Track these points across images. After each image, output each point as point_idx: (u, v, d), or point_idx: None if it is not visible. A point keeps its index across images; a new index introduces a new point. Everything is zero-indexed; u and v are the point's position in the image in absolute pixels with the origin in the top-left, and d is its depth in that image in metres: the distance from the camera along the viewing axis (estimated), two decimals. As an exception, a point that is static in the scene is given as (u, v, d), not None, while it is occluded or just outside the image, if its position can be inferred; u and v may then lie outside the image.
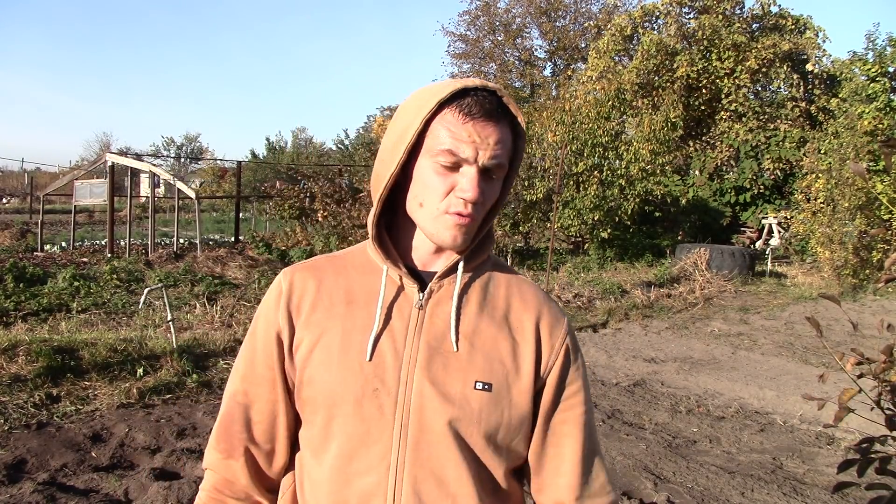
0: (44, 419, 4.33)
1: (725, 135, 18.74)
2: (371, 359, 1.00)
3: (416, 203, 1.00)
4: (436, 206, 0.98)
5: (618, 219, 13.68)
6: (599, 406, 5.23)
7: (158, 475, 3.56)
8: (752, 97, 19.57)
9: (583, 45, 31.75)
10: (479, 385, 1.00)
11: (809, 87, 19.33)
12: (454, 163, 0.96)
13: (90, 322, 7.08)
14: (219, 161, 41.42)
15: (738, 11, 20.41)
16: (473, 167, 0.96)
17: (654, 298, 9.96)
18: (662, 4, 20.36)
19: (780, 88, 19.83)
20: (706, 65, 18.87)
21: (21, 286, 8.50)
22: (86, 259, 12.40)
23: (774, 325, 8.68)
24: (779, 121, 18.42)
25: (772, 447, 4.51)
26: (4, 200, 34.97)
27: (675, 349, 7.27)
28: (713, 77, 18.83)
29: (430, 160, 0.97)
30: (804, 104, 18.73)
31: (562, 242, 15.64)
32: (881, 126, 12.44)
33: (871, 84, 13.46)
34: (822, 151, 13.21)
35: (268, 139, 53.07)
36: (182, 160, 48.49)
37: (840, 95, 14.57)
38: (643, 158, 13.62)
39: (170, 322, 5.82)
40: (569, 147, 12.66)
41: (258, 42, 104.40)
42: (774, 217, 17.03)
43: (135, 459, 3.88)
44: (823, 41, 19.39)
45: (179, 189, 14.41)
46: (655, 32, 20.35)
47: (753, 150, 18.07)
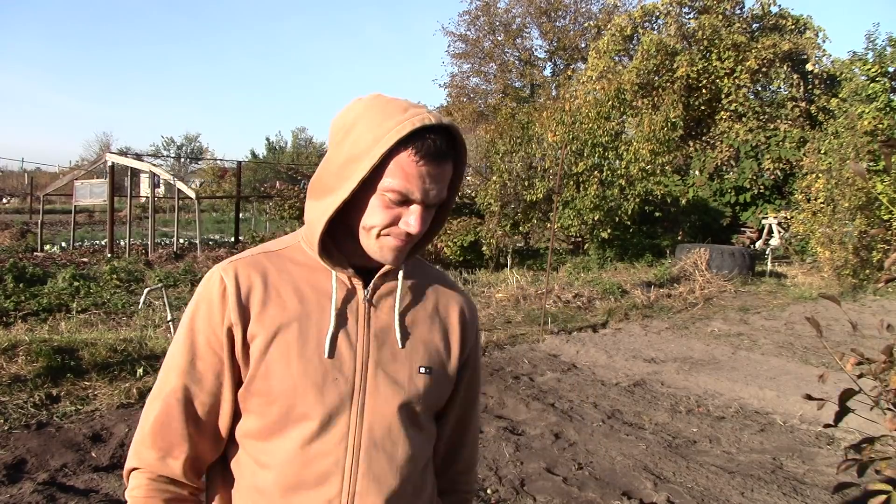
0: (44, 419, 4.33)
1: (725, 135, 18.74)
2: (329, 355, 1.08)
3: (362, 225, 1.08)
4: (379, 232, 1.07)
5: (618, 219, 13.68)
6: (599, 406, 5.23)
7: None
8: (752, 97, 19.57)
9: (583, 45, 31.76)
10: (423, 370, 1.14)
11: (809, 87, 19.33)
12: (402, 201, 1.04)
13: (90, 322, 7.08)
14: (219, 161, 41.47)
15: (738, 11, 20.41)
16: (420, 206, 1.04)
17: (654, 298, 9.95)
18: (662, 4, 20.36)
19: (780, 88, 19.83)
20: (706, 65, 18.87)
21: (21, 286, 8.50)
22: (86, 259, 12.40)
23: (774, 325, 8.68)
24: (779, 121, 18.42)
25: (772, 447, 4.51)
26: (4, 200, 34.97)
27: (675, 349, 7.27)
28: (713, 77, 18.83)
29: (381, 193, 1.04)
30: (804, 104, 18.74)
31: (562, 242, 15.64)
32: (881, 126, 12.44)
33: (871, 84, 13.45)
34: (822, 151, 13.20)
35: (268, 139, 53.12)
36: (182, 160, 48.49)
37: (840, 95, 14.56)
38: (643, 158, 13.61)
39: (170, 322, 5.82)
40: (569, 147, 12.66)
41: (258, 42, 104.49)
42: (774, 217, 17.03)
43: (135, 459, 3.87)
44: (823, 41, 19.42)
45: (179, 189, 14.41)
46: (655, 32, 20.35)
47: (753, 150, 18.07)
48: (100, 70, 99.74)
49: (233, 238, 16.34)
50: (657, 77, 18.99)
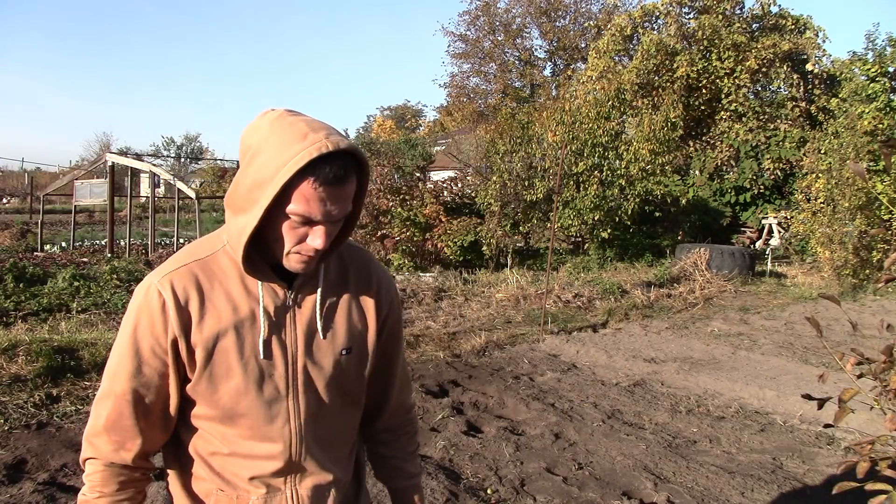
0: (44, 419, 4.33)
1: (725, 135, 18.73)
2: (265, 356, 1.21)
3: (273, 239, 1.17)
4: (288, 248, 1.16)
5: (618, 219, 13.67)
6: (599, 406, 5.23)
7: (158, 475, 3.54)
8: (752, 97, 19.56)
9: (583, 45, 31.75)
10: (344, 351, 1.29)
11: (809, 87, 19.32)
12: (306, 222, 1.14)
13: (90, 322, 7.08)
14: (219, 161, 41.41)
15: (738, 11, 20.40)
16: (322, 225, 1.14)
17: (654, 298, 9.95)
18: (662, 4, 20.35)
19: (780, 88, 19.82)
20: (706, 65, 18.86)
21: (21, 286, 8.50)
22: (86, 259, 12.40)
23: (774, 325, 8.68)
24: (779, 121, 18.41)
25: (772, 447, 4.51)
26: (4, 200, 34.95)
27: (675, 349, 7.27)
28: (713, 77, 18.82)
29: (286, 215, 1.13)
30: (804, 104, 18.72)
31: (562, 242, 15.63)
32: (881, 126, 12.43)
33: (871, 84, 13.44)
34: (822, 151, 13.20)
35: (268, 139, 52.92)
36: (182, 160, 48.46)
37: (840, 95, 14.55)
38: (643, 158, 13.60)
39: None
40: (569, 147, 12.65)
41: (258, 42, 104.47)
42: (774, 217, 17.02)
43: (135, 459, 3.87)
44: (823, 41, 19.38)
45: (179, 189, 14.40)
46: (655, 32, 20.34)
47: (753, 150, 18.07)
48: (100, 70, 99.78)
49: (233, 238, 16.30)
50: (657, 77, 18.98)
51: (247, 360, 1.20)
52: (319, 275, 1.28)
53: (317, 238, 1.14)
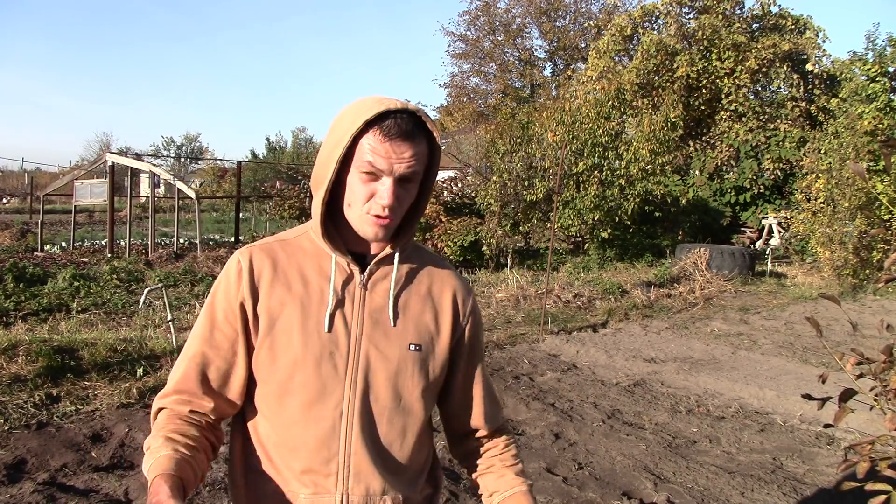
0: (44, 419, 4.33)
1: (725, 135, 18.73)
2: (328, 330, 1.23)
3: (347, 204, 1.23)
4: (360, 208, 1.21)
5: (618, 219, 13.67)
6: (599, 406, 5.23)
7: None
8: (752, 97, 19.56)
9: (583, 45, 31.76)
10: (412, 347, 1.27)
11: (809, 87, 19.32)
12: (374, 174, 1.18)
13: (90, 322, 7.08)
14: (219, 161, 41.45)
15: (738, 11, 20.40)
16: (389, 178, 1.18)
17: (654, 298, 9.95)
18: (662, 4, 20.35)
19: (780, 88, 19.82)
20: (706, 65, 18.86)
21: (21, 286, 8.50)
22: (86, 259, 12.40)
23: (774, 325, 8.67)
24: (779, 121, 18.41)
25: (772, 447, 4.51)
26: (4, 200, 34.96)
27: (675, 349, 7.27)
28: (713, 77, 18.83)
29: (356, 171, 1.19)
30: (804, 104, 18.73)
31: (562, 242, 15.63)
32: (881, 126, 12.43)
33: (871, 84, 13.44)
34: (822, 151, 13.20)
35: (268, 139, 53.15)
36: (182, 160, 48.44)
37: (840, 95, 14.55)
38: (643, 158, 13.61)
39: (170, 322, 5.82)
40: (569, 147, 12.66)
41: (258, 42, 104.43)
42: (774, 217, 17.02)
43: (135, 459, 3.87)
44: (823, 41, 19.40)
45: (179, 189, 14.40)
46: (655, 32, 20.34)
47: (753, 150, 18.07)
48: (100, 70, 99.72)
49: (233, 238, 16.33)
50: (657, 77, 18.98)
51: (309, 333, 1.22)
52: (394, 263, 1.29)
53: (385, 193, 1.18)
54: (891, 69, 14.14)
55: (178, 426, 1.21)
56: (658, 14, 20.84)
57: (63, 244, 15.08)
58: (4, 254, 12.73)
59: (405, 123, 1.16)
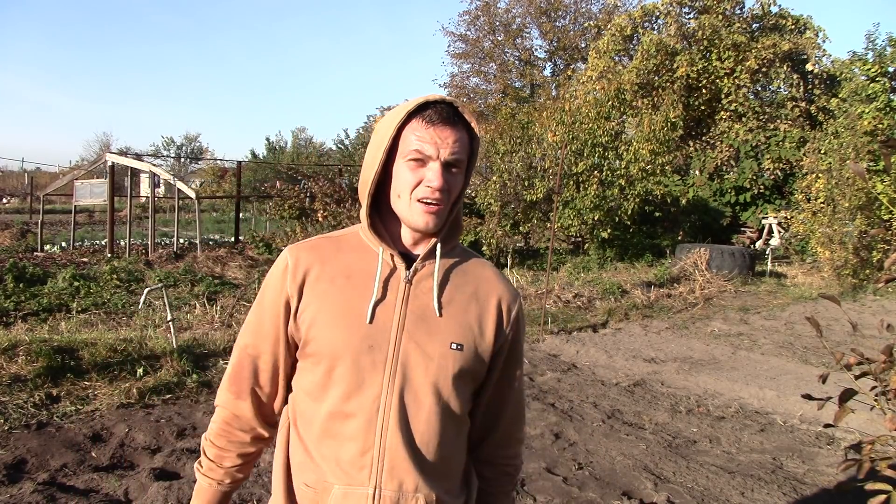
0: (44, 419, 4.33)
1: (725, 135, 18.73)
2: (371, 321, 1.24)
3: (396, 195, 1.26)
4: (409, 196, 1.24)
5: (618, 219, 13.67)
6: (599, 406, 5.23)
7: (158, 475, 3.56)
8: (752, 97, 19.56)
9: (583, 45, 31.75)
10: (454, 346, 1.27)
11: (809, 87, 19.32)
12: (421, 160, 1.22)
13: (90, 322, 7.07)
14: (219, 161, 41.40)
15: (738, 11, 20.40)
16: (437, 162, 1.22)
17: (654, 298, 9.95)
18: (662, 4, 20.35)
19: (780, 88, 19.82)
20: (706, 65, 18.86)
21: (21, 286, 8.50)
22: (86, 259, 12.40)
23: (774, 325, 8.67)
24: (779, 121, 18.41)
25: (772, 447, 4.51)
26: (4, 200, 34.95)
27: (675, 349, 7.27)
28: (713, 77, 18.82)
29: (403, 161, 1.24)
30: (804, 104, 18.72)
31: (562, 242, 15.63)
32: (881, 126, 12.43)
33: (871, 84, 13.44)
34: (822, 151, 13.20)
35: (268, 139, 53.03)
36: (182, 160, 48.44)
37: (840, 95, 14.55)
38: (643, 158, 13.60)
39: (170, 322, 5.82)
40: (569, 147, 12.66)
41: (258, 42, 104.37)
42: (774, 217, 17.02)
43: (135, 459, 3.88)
44: (823, 41, 19.39)
45: (179, 189, 14.41)
46: (655, 32, 20.34)
47: (753, 150, 18.06)
48: (100, 70, 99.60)
49: (233, 238, 16.32)
50: (657, 77, 18.98)
51: (350, 326, 1.24)
52: (437, 260, 1.31)
53: (433, 176, 1.21)
54: (891, 69, 14.14)
55: (222, 452, 1.36)
56: (658, 14, 20.83)
57: (63, 244, 15.07)
58: (4, 254, 12.73)
59: (445, 111, 1.23)
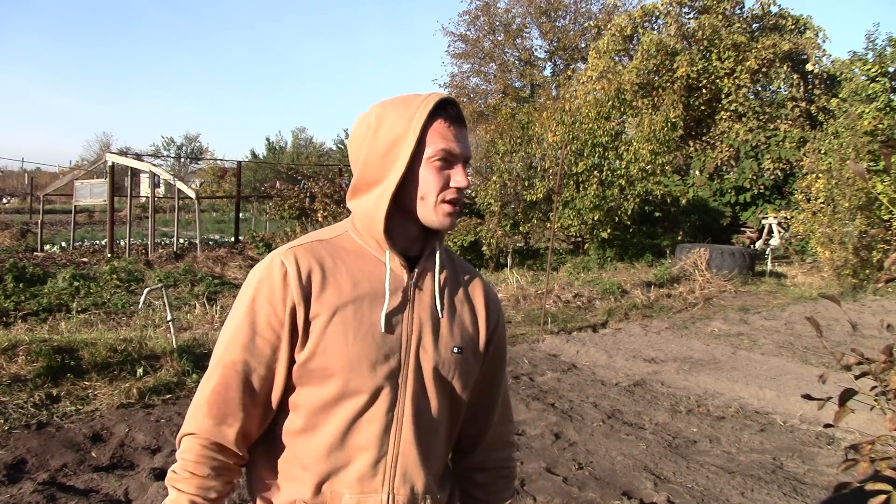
0: (44, 419, 4.33)
1: (725, 135, 18.73)
2: (385, 330, 1.21)
3: (419, 197, 1.22)
4: (435, 197, 1.21)
5: (618, 219, 13.67)
6: (599, 406, 5.23)
7: (158, 475, 3.56)
8: (752, 97, 19.55)
9: (583, 45, 31.74)
10: (456, 349, 1.27)
11: (809, 87, 19.32)
12: (448, 161, 1.20)
13: (90, 322, 7.08)
14: (219, 161, 41.43)
15: (738, 11, 20.40)
16: (461, 162, 1.22)
17: (654, 298, 9.95)
18: (662, 4, 20.34)
19: (780, 88, 19.81)
20: (706, 65, 18.86)
21: (21, 286, 8.50)
22: (86, 259, 12.40)
23: (774, 325, 8.67)
24: (779, 121, 18.41)
25: (772, 447, 4.51)
26: (4, 200, 34.96)
27: (675, 349, 7.27)
28: (713, 77, 18.82)
29: (429, 162, 1.20)
30: (804, 104, 18.72)
31: (562, 242, 15.63)
32: (881, 126, 12.43)
33: (871, 84, 13.44)
34: (822, 151, 13.19)
35: (268, 139, 53.04)
36: (182, 160, 48.46)
37: (840, 95, 14.55)
38: (643, 158, 13.60)
39: (170, 322, 5.82)
40: (569, 147, 12.65)
41: (258, 42, 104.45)
42: (774, 217, 17.01)
43: (135, 459, 3.88)
44: (823, 41, 19.39)
45: (179, 189, 14.41)
46: (655, 32, 20.33)
47: (753, 150, 18.06)
48: (100, 70, 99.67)
49: (233, 238, 16.32)
50: (657, 77, 18.98)
51: (364, 335, 1.20)
52: (436, 262, 1.29)
53: (459, 176, 1.21)
54: (891, 69, 14.14)
55: (204, 482, 1.19)
56: (658, 14, 20.83)
57: (63, 244, 15.07)
58: (4, 254, 12.73)
59: (457, 110, 1.22)
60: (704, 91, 18.95)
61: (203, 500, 1.19)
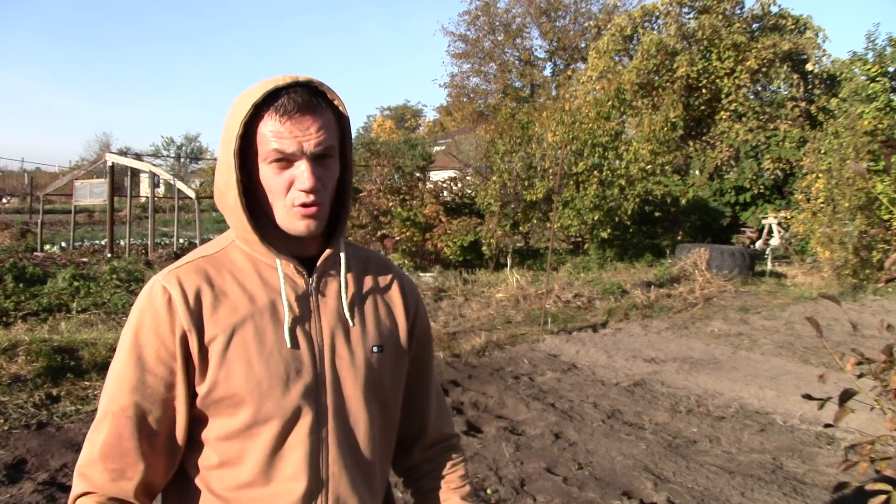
0: (44, 419, 4.33)
1: (725, 135, 18.72)
2: (292, 346, 1.09)
3: (270, 202, 1.09)
4: (283, 203, 1.08)
5: (618, 219, 13.67)
6: (599, 406, 5.23)
7: None
8: (752, 97, 19.55)
9: (583, 45, 31.76)
10: (375, 349, 1.17)
11: (809, 87, 19.31)
12: (285, 160, 1.06)
13: (90, 322, 7.08)
14: (219, 161, 41.38)
15: (738, 11, 20.39)
16: (303, 159, 1.06)
17: (654, 298, 9.95)
18: (662, 4, 20.34)
19: (780, 88, 19.80)
20: (706, 65, 18.85)
21: (21, 286, 8.50)
22: (86, 259, 12.40)
23: (774, 325, 8.67)
24: (779, 121, 18.40)
25: (772, 447, 4.51)
26: (4, 200, 34.96)
27: (675, 349, 7.27)
28: (713, 77, 18.82)
29: (265, 165, 1.07)
30: (804, 104, 18.71)
31: (562, 242, 15.63)
32: (881, 126, 12.42)
33: (871, 84, 13.43)
34: (822, 151, 13.19)
35: (268, 139, 52.96)
36: (182, 160, 48.47)
37: (840, 95, 14.53)
38: (643, 158, 13.60)
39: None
40: (569, 147, 12.65)
41: (258, 42, 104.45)
42: (774, 217, 17.01)
43: (135, 459, 3.87)
44: (823, 41, 19.37)
45: (179, 189, 14.41)
46: (655, 32, 20.33)
47: (753, 150, 18.06)
48: (100, 70, 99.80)
49: (233, 238, 16.31)
50: (657, 77, 18.98)
51: (269, 354, 1.07)
52: (340, 262, 1.17)
53: (303, 177, 1.05)
54: (891, 69, 14.12)
55: None
56: (658, 14, 20.83)
57: (63, 244, 15.08)
58: (4, 254, 12.73)
59: (300, 96, 1.05)
60: (704, 91, 18.95)
61: None
